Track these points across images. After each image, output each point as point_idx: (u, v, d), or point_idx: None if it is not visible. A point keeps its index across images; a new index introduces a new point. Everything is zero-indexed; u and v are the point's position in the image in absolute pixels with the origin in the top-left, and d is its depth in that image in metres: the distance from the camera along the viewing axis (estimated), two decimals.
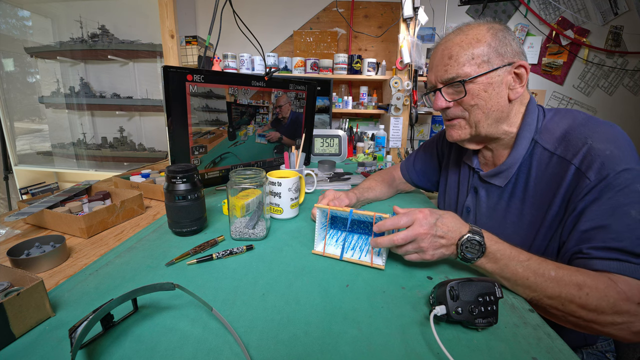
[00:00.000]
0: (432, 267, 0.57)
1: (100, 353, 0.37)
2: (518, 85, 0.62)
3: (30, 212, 0.68)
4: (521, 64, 0.61)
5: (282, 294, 0.48)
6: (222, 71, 1.41)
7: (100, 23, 2.21)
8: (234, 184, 0.64)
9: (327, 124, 1.87)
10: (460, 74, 0.61)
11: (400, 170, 1.01)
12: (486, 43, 0.60)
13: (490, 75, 0.61)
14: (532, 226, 0.63)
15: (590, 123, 0.58)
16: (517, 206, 0.66)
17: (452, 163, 0.85)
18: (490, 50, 0.60)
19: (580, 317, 0.48)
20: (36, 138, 2.48)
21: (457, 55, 0.61)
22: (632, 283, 0.46)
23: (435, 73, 0.66)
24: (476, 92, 0.61)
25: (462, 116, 0.66)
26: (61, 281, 0.51)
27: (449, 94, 0.65)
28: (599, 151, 0.53)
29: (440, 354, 0.37)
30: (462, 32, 0.63)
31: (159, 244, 0.64)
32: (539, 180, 0.62)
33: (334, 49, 2.40)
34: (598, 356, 0.69)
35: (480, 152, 0.74)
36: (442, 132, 0.91)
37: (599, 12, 2.32)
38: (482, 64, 0.60)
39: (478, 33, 0.61)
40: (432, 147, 0.94)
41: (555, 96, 2.51)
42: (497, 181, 0.69)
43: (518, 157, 0.65)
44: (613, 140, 0.54)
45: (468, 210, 0.76)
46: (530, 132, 0.64)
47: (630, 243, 0.48)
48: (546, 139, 0.62)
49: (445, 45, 0.64)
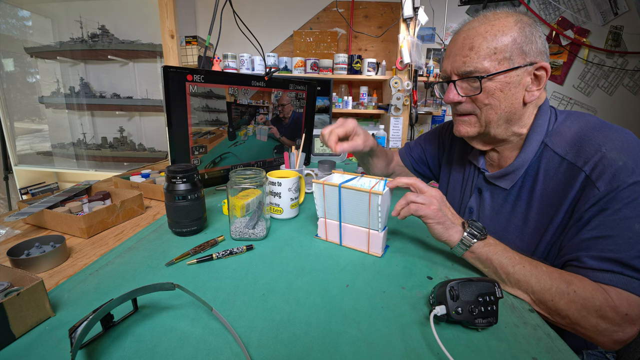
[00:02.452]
0: (432, 267, 0.57)
1: (100, 353, 0.37)
2: (535, 88, 0.59)
3: (30, 212, 0.68)
4: (543, 65, 0.57)
5: (282, 294, 0.48)
6: (222, 71, 1.41)
7: (100, 23, 2.21)
8: (234, 184, 0.64)
9: (327, 124, 1.87)
10: (479, 68, 0.58)
11: (400, 154, 1.02)
12: (512, 37, 0.56)
13: (510, 75, 0.57)
14: (536, 232, 0.61)
15: (604, 128, 0.56)
16: (522, 210, 0.64)
17: (457, 161, 0.83)
18: (515, 46, 0.56)
19: (567, 316, 0.47)
20: (36, 138, 2.49)
21: (479, 47, 0.57)
22: (622, 295, 0.46)
23: (452, 63, 0.62)
24: (492, 90, 0.58)
25: (473, 113, 0.63)
26: (61, 281, 0.51)
27: (463, 89, 0.62)
28: (612, 161, 0.51)
29: (440, 354, 0.37)
30: (488, 21, 0.58)
31: (159, 244, 0.64)
32: (546, 185, 0.60)
33: (334, 49, 2.41)
34: (598, 357, 0.68)
35: (486, 152, 0.72)
36: (448, 122, 0.90)
37: (599, 12, 2.32)
38: (503, 61, 0.57)
39: (505, 25, 0.57)
40: (435, 136, 0.93)
41: (555, 96, 2.51)
42: (502, 183, 0.66)
43: (526, 159, 0.62)
44: (628, 150, 0.51)
45: (471, 211, 0.74)
46: (540, 134, 0.61)
47: (627, 255, 0.47)
48: (557, 143, 0.59)
49: (467, 34, 0.59)
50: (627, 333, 0.46)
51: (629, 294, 0.46)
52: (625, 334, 0.46)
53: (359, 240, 0.62)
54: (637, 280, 0.46)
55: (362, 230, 0.60)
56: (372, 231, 0.59)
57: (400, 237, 0.69)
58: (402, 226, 0.75)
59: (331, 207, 0.63)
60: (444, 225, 0.55)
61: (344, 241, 0.64)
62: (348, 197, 0.59)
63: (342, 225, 0.63)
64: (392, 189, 0.60)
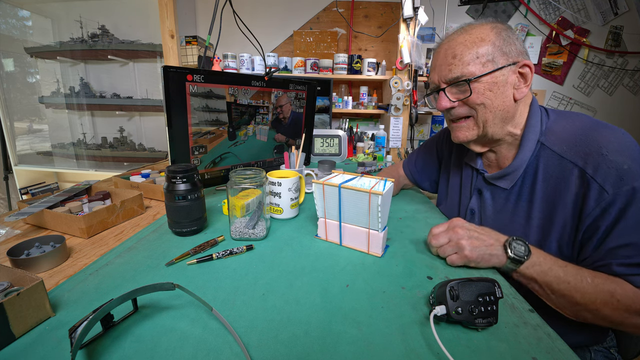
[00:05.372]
0: (432, 267, 0.57)
1: (100, 353, 0.37)
2: (523, 85, 0.62)
3: (30, 212, 0.68)
4: (526, 63, 0.61)
5: (282, 294, 0.48)
6: (222, 71, 1.41)
7: (100, 23, 2.21)
8: (234, 184, 0.64)
9: (327, 124, 1.87)
10: (465, 73, 0.61)
11: (403, 167, 1.03)
12: (490, 42, 0.60)
13: (495, 75, 0.60)
14: (541, 229, 0.63)
15: (600, 128, 0.58)
16: (524, 209, 0.65)
17: (454, 165, 0.84)
18: (495, 49, 0.60)
19: (610, 319, 0.51)
20: (36, 138, 2.49)
21: (462, 55, 0.61)
22: None
23: (439, 73, 0.65)
24: (481, 91, 0.61)
25: (469, 115, 0.65)
26: (61, 281, 0.51)
27: (453, 94, 0.64)
28: (616, 164, 0.53)
29: (440, 354, 0.37)
30: (466, 32, 0.62)
31: (159, 244, 0.64)
32: (546, 183, 0.62)
33: (334, 49, 2.40)
34: (604, 352, 0.70)
35: (483, 154, 0.73)
36: (443, 131, 0.91)
37: (599, 12, 2.32)
38: (487, 63, 0.60)
39: (482, 32, 0.61)
40: (432, 146, 0.94)
41: (555, 96, 2.51)
42: (503, 183, 0.68)
43: (525, 158, 0.64)
44: (628, 153, 0.54)
45: (472, 213, 0.75)
46: (535, 133, 0.63)
47: None
48: (553, 141, 0.62)
49: (448, 45, 0.63)
50: None
51: None
52: None
53: (359, 240, 0.62)
54: None
55: (362, 230, 0.60)
56: (372, 231, 0.59)
57: (400, 237, 0.69)
58: (403, 226, 0.75)
59: (331, 207, 0.63)
60: (482, 260, 0.55)
61: (344, 241, 0.64)
62: (348, 197, 0.59)
63: (342, 226, 0.63)
64: (392, 189, 0.61)
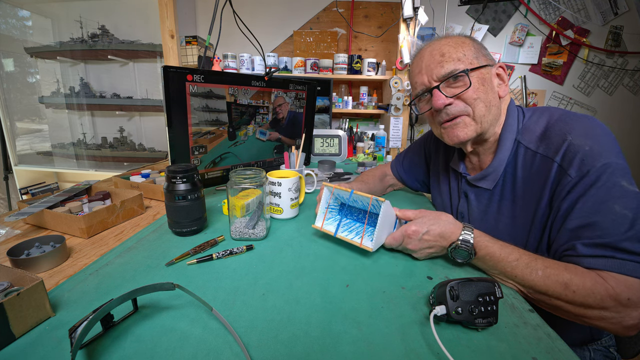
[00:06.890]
0: (432, 268, 0.57)
1: (100, 353, 0.37)
2: (503, 84, 0.65)
3: (30, 212, 0.68)
4: (500, 65, 0.65)
5: (282, 294, 0.48)
6: (222, 71, 1.41)
7: (100, 23, 2.21)
8: (234, 184, 0.64)
9: (327, 124, 1.87)
10: (459, 67, 0.61)
11: (391, 167, 1.03)
12: (470, 45, 0.64)
13: (482, 71, 0.62)
14: (524, 227, 0.63)
15: (566, 117, 0.59)
16: (508, 208, 0.66)
17: (442, 169, 0.85)
18: (476, 50, 0.63)
19: (569, 311, 0.49)
20: (36, 138, 2.48)
21: (450, 53, 0.62)
22: (620, 279, 0.47)
23: (428, 73, 0.64)
24: (476, 85, 0.62)
25: (465, 112, 0.63)
26: (61, 281, 0.51)
27: (448, 90, 0.63)
28: (578, 147, 0.54)
29: (440, 354, 0.37)
30: (445, 38, 0.65)
31: (159, 244, 0.64)
32: (525, 180, 0.63)
33: (334, 49, 2.40)
34: (603, 352, 0.70)
35: (467, 157, 0.74)
36: (430, 132, 0.92)
37: (599, 12, 2.32)
38: (473, 60, 0.62)
39: (460, 38, 0.65)
40: (420, 147, 0.95)
41: (555, 96, 2.51)
42: (484, 184, 0.69)
43: (503, 158, 0.65)
44: (592, 135, 0.54)
45: (462, 216, 0.77)
46: (512, 132, 0.65)
47: (615, 239, 0.48)
48: (528, 139, 0.63)
49: (432, 48, 0.65)
50: (635, 317, 0.46)
51: (626, 277, 0.47)
52: (632, 319, 0.46)
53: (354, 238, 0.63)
54: (629, 262, 0.47)
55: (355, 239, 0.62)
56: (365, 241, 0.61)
57: None
58: None
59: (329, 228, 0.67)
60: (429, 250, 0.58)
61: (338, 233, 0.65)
62: None
63: (338, 227, 0.65)
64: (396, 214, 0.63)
